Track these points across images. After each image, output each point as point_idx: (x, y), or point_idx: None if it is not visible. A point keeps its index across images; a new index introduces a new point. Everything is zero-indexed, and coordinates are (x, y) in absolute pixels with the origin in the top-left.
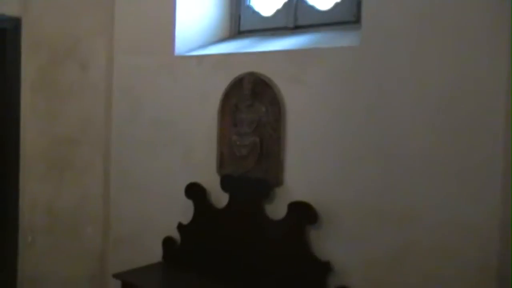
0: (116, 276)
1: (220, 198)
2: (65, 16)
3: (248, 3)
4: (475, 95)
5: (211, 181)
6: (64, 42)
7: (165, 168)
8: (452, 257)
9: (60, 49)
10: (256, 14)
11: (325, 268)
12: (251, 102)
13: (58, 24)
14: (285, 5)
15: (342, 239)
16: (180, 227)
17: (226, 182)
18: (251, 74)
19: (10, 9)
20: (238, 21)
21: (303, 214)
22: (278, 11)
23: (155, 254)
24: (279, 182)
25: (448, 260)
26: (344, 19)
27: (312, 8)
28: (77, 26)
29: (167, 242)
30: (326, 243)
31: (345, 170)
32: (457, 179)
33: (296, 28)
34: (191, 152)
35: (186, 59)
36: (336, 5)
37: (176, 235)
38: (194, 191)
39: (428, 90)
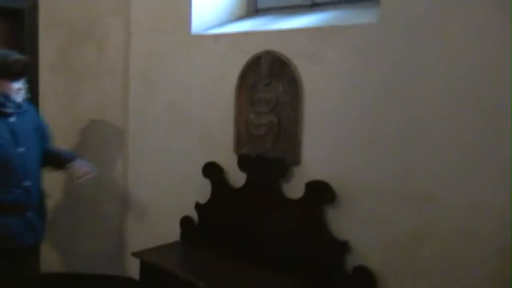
0: (134, 254)
1: (237, 178)
2: None
3: None
4: (501, 74)
5: (228, 160)
6: (81, 22)
7: (182, 147)
8: (472, 240)
9: (77, 30)
10: None
11: (343, 248)
12: (268, 81)
13: (75, 3)
14: None
15: (360, 220)
16: (198, 206)
17: (243, 162)
18: (269, 53)
19: None
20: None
21: (320, 193)
22: None
23: (173, 233)
24: (296, 161)
25: (468, 243)
26: None
27: None
28: (94, 5)
29: (185, 221)
30: (344, 223)
31: (364, 150)
32: (479, 161)
33: (313, 6)
34: (208, 131)
35: (203, 38)
36: None
37: (193, 214)
38: (212, 171)
39: (450, 68)
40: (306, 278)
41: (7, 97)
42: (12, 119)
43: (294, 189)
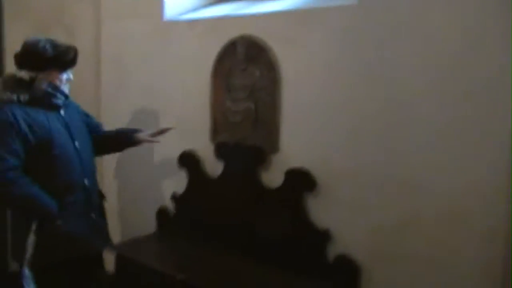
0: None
1: (214, 167)
2: None
3: None
4: (483, 56)
5: (205, 149)
6: (49, 9)
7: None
8: (459, 224)
9: (46, 16)
10: None
11: (324, 236)
12: (245, 66)
13: None
14: None
15: (342, 208)
16: (174, 197)
17: (220, 150)
18: (244, 37)
19: None
20: None
21: (300, 181)
22: None
23: (150, 224)
24: (275, 149)
25: (454, 227)
26: None
27: None
28: None
29: (161, 213)
30: (325, 212)
31: (345, 135)
32: (461, 144)
33: None
34: (183, 119)
35: (176, 24)
36: None
37: (170, 205)
38: (188, 160)
39: (432, 50)
40: (287, 267)
41: (56, 88)
42: (62, 112)
43: (273, 177)
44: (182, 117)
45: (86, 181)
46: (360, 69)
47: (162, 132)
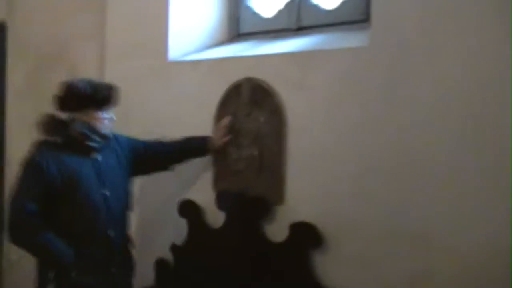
0: None
1: (216, 217)
2: (53, 19)
3: (247, 3)
4: (501, 99)
5: (206, 197)
6: (52, 47)
7: (156, 182)
8: (474, 283)
9: (48, 54)
10: (256, 15)
11: None
12: (249, 110)
13: (45, 27)
14: (287, 5)
15: (351, 265)
16: (174, 248)
17: (222, 200)
18: (249, 80)
19: None
20: (237, 23)
21: (306, 236)
22: (280, 12)
23: (147, 277)
24: (280, 200)
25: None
26: (351, 18)
27: (316, 7)
28: (66, 29)
29: (160, 264)
30: (333, 269)
31: (356, 185)
32: (483, 195)
33: (299, 29)
34: (184, 165)
35: (180, 65)
36: (343, 3)
37: (169, 256)
38: (188, 209)
39: (446, 93)
40: None
41: (92, 129)
42: (96, 155)
43: (278, 230)
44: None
45: (110, 232)
46: (370, 114)
47: (224, 129)
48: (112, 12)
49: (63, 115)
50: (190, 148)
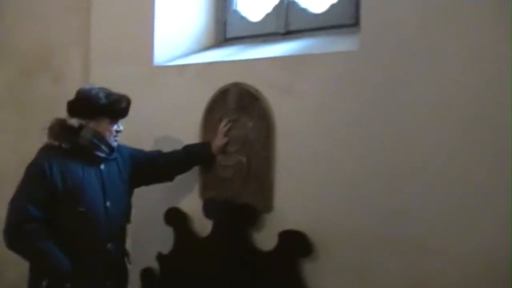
0: None
1: (203, 225)
2: (37, 25)
3: (235, 7)
4: (500, 100)
5: (193, 205)
6: (36, 53)
7: (142, 190)
8: None
9: (32, 61)
10: (244, 19)
11: None
12: (237, 116)
13: (29, 33)
14: (275, 8)
15: (342, 274)
16: (160, 257)
17: (209, 208)
18: (236, 85)
19: None
20: (224, 28)
21: (296, 244)
22: (267, 16)
23: (134, 287)
24: (268, 207)
25: None
26: (340, 22)
27: (304, 11)
28: (50, 35)
29: (146, 274)
30: (324, 278)
31: (346, 193)
32: (481, 201)
33: (287, 34)
34: None
35: (166, 70)
36: (332, 7)
37: (155, 266)
38: (174, 217)
39: (441, 97)
40: None
41: (102, 139)
42: (102, 166)
43: (266, 239)
44: None
45: (109, 245)
46: (361, 119)
47: (225, 132)
48: (96, 17)
49: (74, 121)
50: (194, 155)
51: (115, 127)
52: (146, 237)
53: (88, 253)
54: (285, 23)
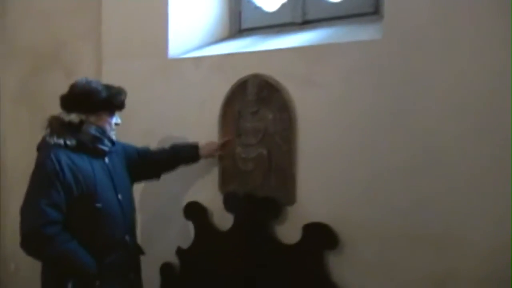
0: None
1: (223, 219)
2: (47, 19)
3: None
4: None
5: (213, 199)
6: (47, 48)
7: (160, 185)
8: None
9: (43, 56)
10: (258, 9)
11: None
12: (256, 108)
13: (40, 28)
14: None
15: (367, 267)
16: (180, 251)
17: (230, 201)
18: (256, 77)
19: None
20: (239, 19)
21: (321, 237)
22: (283, 6)
23: (153, 282)
24: (291, 200)
25: None
26: (359, 11)
27: (322, 0)
28: (61, 29)
29: (166, 269)
30: (349, 272)
31: (369, 185)
32: (505, 195)
33: (304, 24)
34: (189, 166)
35: (181, 62)
36: None
37: (175, 260)
38: (194, 211)
39: (464, 85)
40: None
41: (104, 133)
42: (106, 160)
43: (289, 232)
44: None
45: (127, 238)
46: (384, 110)
47: (224, 146)
48: (108, 10)
49: (73, 117)
50: (180, 156)
51: (113, 120)
52: (166, 232)
53: (110, 249)
54: (302, 13)
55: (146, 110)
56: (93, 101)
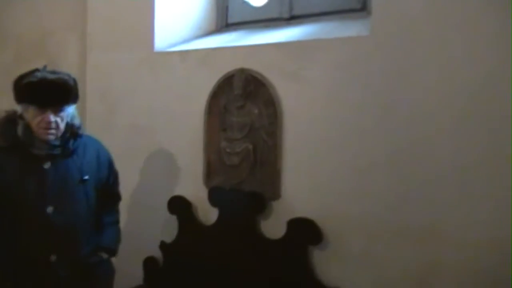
0: None
1: (208, 213)
2: (32, 9)
3: None
4: (509, 88)
5: (197, 193)
6: (31, 38)
7: (145, 178)
8: (484, 282)
9: (27, 47)
10: (245, 4)
11: None
12: (242, 103)
13: (24, 18)
14: None
15: (351, 261)
16: (163, 246)
17: (215, 195)
18: (242, 71)
19: None
20: (226, 13)
21: (305, 232)
22: (270, 0)
23: (135, 276)
24: (276, 195)
25: (479, 285)
26: (346, 7)
27: None
28: (45, 20)
29: (149, 263)
30: (333, 266)
31: (353, 180)
32: (489, 189)
33: (291, 19)
34: (174, 160)
35: (168, 55)
36: None
37: (158, 255)
38: (178, 205)
39: (452, 81)
40: None
41: (30, 134)
42: (46, 166)
43: (274, 227)
44: (173, 158)
45: (53, 259)
46: (370, 105)
47: None
48: (93, 1)
49: (19, 109)
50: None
51: (40, 117)
52: (149, 226)
53: (26, 267)
54: (289, 8)
55: (132, 103)
56: (16, 91)
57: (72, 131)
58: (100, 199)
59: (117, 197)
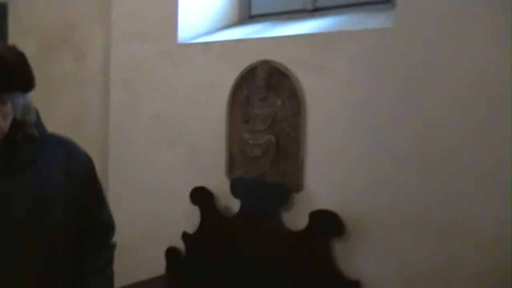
0: None
1: (230, 205)
2: (56, 1)
3: None
4: None
5: (219, 185)
6: (56, 30)
7: (167, 169)
8: (503, 278)
9: (52, 38)
10: None
11: None
12: (265, 94)
13: (49, 9)
14: None
15: (374, 254)
16: (185, 236)
17: (237, 187)
18: (265, 63)
19: None
20: (249, 4)
21: (327, 224)
22: None
23: (158, 266)
24: (298, 187)
25: (502, 281)
26: None
27: None
28: (70, 11)
29: (171, 253)
30: (355, 259)
31: (377, 172)
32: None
33: (315, 11)
34: (196, 151)
35: (191, 47)
36: None
37: (180, 245)
38: (200, 196)
39: (478, 74)
40: None
41: None
42: None
43: (296, 218)
44: (195, 149)
45: None
46: (395, 98)
47: None
48: None
49: None
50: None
51: None
52: (172, 216)
53: None
54: (313, 0)
55: (156, 93)
56: None
57: (24, 132)
58: (77, 231)
59: (104, 227)
